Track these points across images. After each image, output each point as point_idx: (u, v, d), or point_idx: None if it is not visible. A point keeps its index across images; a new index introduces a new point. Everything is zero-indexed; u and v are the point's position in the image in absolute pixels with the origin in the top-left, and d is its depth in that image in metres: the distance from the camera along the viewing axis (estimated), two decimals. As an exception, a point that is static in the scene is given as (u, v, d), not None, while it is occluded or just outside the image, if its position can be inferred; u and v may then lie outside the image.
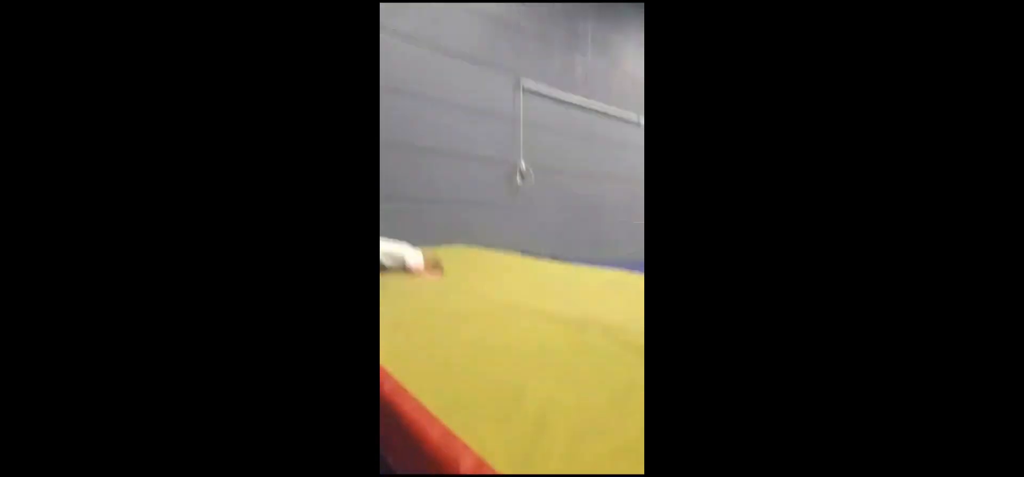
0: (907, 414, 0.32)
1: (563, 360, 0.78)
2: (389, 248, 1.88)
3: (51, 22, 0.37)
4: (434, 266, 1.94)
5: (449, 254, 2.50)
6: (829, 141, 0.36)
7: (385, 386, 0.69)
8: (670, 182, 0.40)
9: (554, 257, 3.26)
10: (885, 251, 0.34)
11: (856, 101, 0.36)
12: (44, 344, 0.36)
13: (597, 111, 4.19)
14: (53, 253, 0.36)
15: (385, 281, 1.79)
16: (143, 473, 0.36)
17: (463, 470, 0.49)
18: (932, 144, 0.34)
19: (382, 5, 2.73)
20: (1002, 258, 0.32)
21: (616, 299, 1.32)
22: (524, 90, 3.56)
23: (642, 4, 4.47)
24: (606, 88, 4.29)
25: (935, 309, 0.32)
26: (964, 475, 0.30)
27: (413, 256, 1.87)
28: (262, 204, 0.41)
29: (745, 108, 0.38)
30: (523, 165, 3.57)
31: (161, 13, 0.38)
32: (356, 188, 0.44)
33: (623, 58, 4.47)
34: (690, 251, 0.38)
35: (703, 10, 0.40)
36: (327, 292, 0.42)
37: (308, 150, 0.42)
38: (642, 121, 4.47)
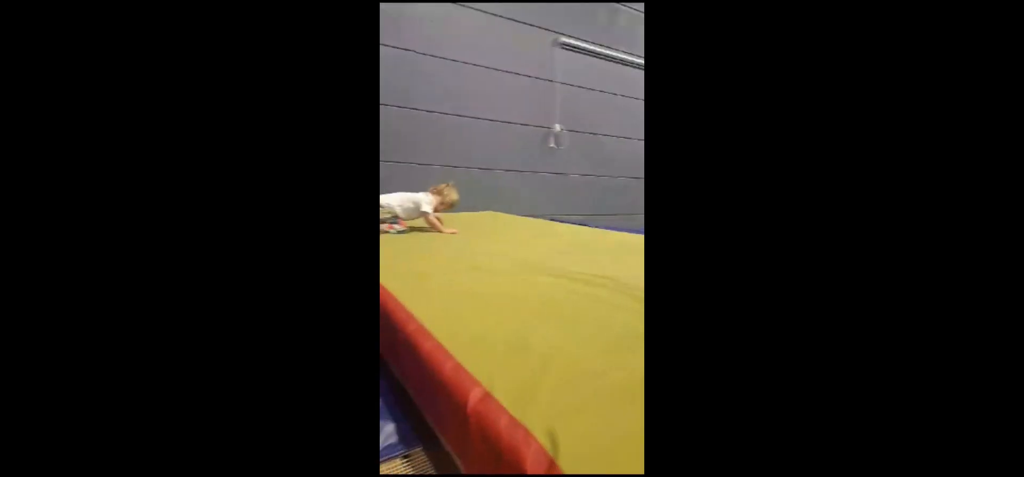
0: (899, 372, 0.32)
1: (569, 311, 0.83)
2: (394, 200, 2.06)
3: (55, 22, 0.36)
4: (446, 188, 2.10)
5: (476, 219, 2.56)
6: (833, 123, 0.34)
7: (409, 326, 0.77)
8: (672, 152, 0.39)
9: (585, 223, 3.25)
10: (886, 222, 0.33)
11: (855, 75, 0.34)
12: (40, 336, 0.35)
13: (639, 66, 3.96)
14: (48, 245, 0.36)
15: (413, 238, 1.90)
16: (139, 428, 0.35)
17: (471, 400, 0.55)
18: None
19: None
20: (1001, 258, 0.31)
21: (634, 260, 1.34)
22: (561, 45, 3.47)
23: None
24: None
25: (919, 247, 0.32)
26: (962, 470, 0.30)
27: (426, 201, 2.04)
28: (261, 170, 0.40)
29: (748, 88, 0.37)
30: (557, 128, 3.52)
31: None
32: (353, 152, 0.42)
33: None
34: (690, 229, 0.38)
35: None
36: (326, 259, 0.41)
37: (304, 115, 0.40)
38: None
